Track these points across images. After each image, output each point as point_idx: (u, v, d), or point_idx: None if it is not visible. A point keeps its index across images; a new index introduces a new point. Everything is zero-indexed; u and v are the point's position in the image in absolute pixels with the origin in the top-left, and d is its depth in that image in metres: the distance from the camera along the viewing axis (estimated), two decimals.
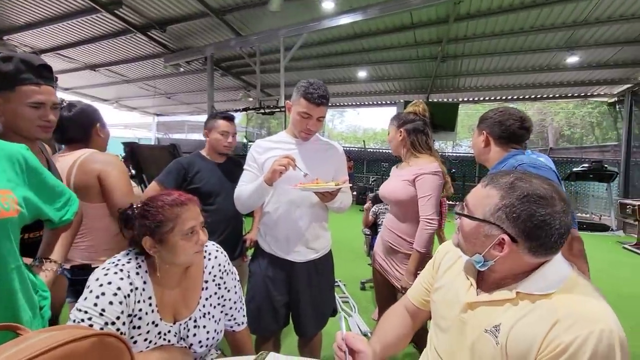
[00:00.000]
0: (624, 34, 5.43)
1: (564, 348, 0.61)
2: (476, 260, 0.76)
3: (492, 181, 0.74)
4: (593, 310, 0.64)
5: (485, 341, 0.72)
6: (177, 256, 0.90)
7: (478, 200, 0.75)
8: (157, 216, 0.87)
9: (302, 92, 1.35)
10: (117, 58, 7.58)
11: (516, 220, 0.67)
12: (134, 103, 12.67)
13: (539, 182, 0.70)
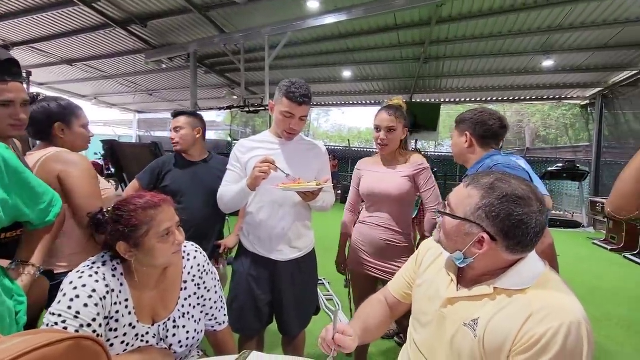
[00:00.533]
0: (596, 40, 5.68)
1: (537, 339, 0.65)
2: (456, 257, 0.80)
3: (474, 181, 0.77)
4: (564, 304, 0.68)
5: (464, 334, 0.75)
6: (155, 258, 0.89)
7: (460, 199, 0.78)
8: (131, 220, 0.86)
9: (284, 92, 1.36)
10: (95, 53, 7.33)
11: (495, 219, 0.71)
12: (113, 100, 12.29)
13: (517, 183, 0.73)
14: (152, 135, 15.36)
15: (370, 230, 1.67)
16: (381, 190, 1.62)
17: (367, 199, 1.71)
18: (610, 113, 8.01)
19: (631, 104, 7.21)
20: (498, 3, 4.71)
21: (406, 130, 1.65)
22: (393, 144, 1.62)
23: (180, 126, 1.77)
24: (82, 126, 1.35)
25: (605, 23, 5.05)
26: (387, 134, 1.58)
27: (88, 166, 1.23)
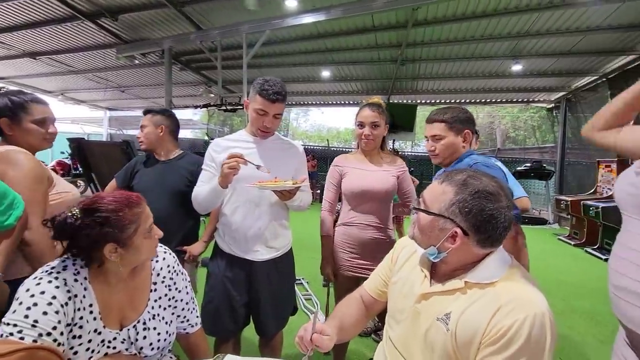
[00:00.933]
0: (560, 47, 6.00)
1: (505, 331, 0.68)
2: (430, 253, 0.82)
3: (447, 178, 0.80)
4: (529, 296, 0.72)
5: (437, 329, 0.78)
6: (141, 254, 0.90)
7: (434, 196, 0.80)
8: (120, 221, 0.83)
9: (258, 89, 1.35)
10: (61, 46, 6.94)
11: (468, 215, 0.74)
12: (82, 96, 11.71)
13: (487, 179, 0.77)
14: (125, 133, 14.79)
15: (359, 231, 1.64)
16: (374, 189, 1.61)
17: (355, 198, 1.65)
18: (573, 116, 8.51)
19: (591, 107, 7.69)
20: (470, 8, 4.88)
21: (387, 127, 1.67)
22: (377, 140, 1.65)
23: (145, 124, 1.74)
24: (35, 122, 1.22)
25: (569, 31, 5.34)
26: (371, 129, 1.60)
27: (31, 168, 1.11)
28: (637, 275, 0.70)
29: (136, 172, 1.78)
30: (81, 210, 0.82)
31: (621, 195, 0.81)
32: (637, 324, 0.70)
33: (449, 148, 1.39)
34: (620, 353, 0.81)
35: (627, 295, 0.73)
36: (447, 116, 1.37)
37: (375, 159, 1.69)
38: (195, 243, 1.76)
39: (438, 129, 1.38)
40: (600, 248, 5.15)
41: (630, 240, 0.74)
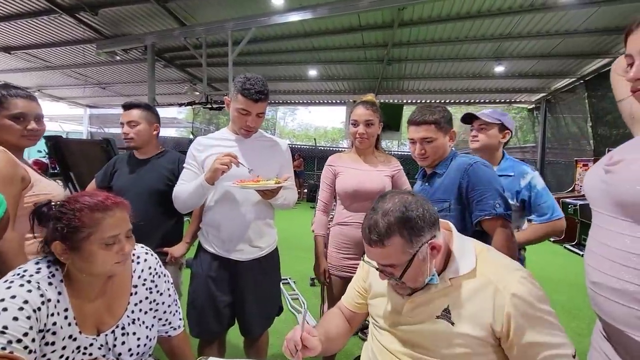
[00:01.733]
0: (540, 49, 6.18)
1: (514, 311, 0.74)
2: (430, 281, 0.82)
3: (378, 237, 0.78)
4: (507, 264, 0.82)
5: (439, 325, 0.80)
6: (94, 266, 0.81)
7: (394, 253, 0.79)
8: (73, 220, 0.77)
9: (239, 88, 1.32)
10: (38, 41, 6.69)
11: (422, 228, 0.77)
12: (60, 93, 11.32)
13: (388, 201, 0.81)
14: (106, 131, 14.37)
15: (354, 230, 1.61)
16: (368, 189, 1.58)
17: (349, 197, 1.63)
18: (552, 117, 8.78)
19: (570, 108, 7.96)
20: (455, 9, 4.96)
21: (381, 126, 1.65)
22: (372, 139, 1.62)
23: (136, 121, 1.63)
24: (10, 117, 1.16)
25: (549, 33, 5.51)
26: (365, 127, 1.58)
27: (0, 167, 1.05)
28: (611, 270, 0.71)
29: (115, 171, 1.71)
30: (60, 202, 0.78)
31: (592, 192, 0.82)
32: (615, 318, 0.71)
33: (440, 149, 1.34)
34: (598, 346, 0.83)
35: (603, 290, 0.74)
36: (437, 117, 1.30)
37: (370, 159, 1.67)
38: (177, 244, 1.70)
39: (428, 130, 1.30)
40: (578, 244, 5.34)
41: (603, 236, 0.76)
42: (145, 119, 1.66)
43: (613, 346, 0.77)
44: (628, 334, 0.69)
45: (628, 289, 0.68)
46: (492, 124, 1.60)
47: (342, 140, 24.60)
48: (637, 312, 0.67)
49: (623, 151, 0.77)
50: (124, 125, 1.65)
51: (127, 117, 1.64)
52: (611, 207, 0.73)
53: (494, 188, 1.21)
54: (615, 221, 0.72)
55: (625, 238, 0.69)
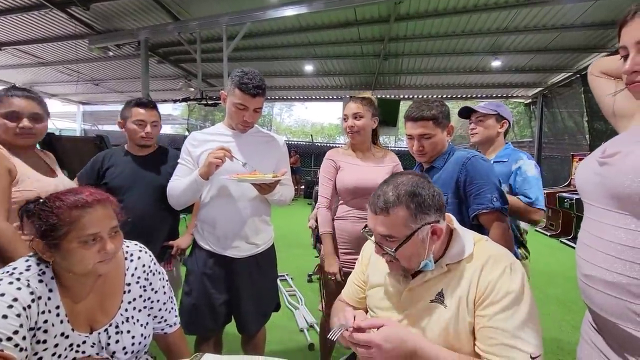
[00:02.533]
0: (537, 43, 6.18)
1: (492, 285, 0.77)
2: (427, 267, 0.82)
3: (387, 204, 0.78)
4: (500, 252, 0.84)
5: (434, 309, 0.81)
6: (73, 265, 0.78)
7: (394, 225, 0.79)
8: (50, 217, 0.75)
9: (237, 82, 1.30)
10: (29, 37, 6.57)
11: (429, 207, 0.79)
12: (53, 89, 11.17)
13: (407, 178, 0.82)
14: (100, 128, 14.23)
15: (352, 225, 1.59)
16: (367, 185, 1.56)
17: (349, 193, 1.62)
18: (549, 111, 8.80)
19: (566, 103, 7.97)
20: (452, 3, 4.93)
21: (376, 120, 1.64)
22: (363, 132, 1.60)
23: (157, 121, 1.63)
24: (3, 115, 1.17)
25: (545, 27, 5.50)
26: (354, 120, 1.59)
27: None
28: (604, 263, 0.71)
29: (107, 169, 1.61)
30: (43, 200, 0.77)
31: (586, 185, 0.82)
32: (607, 310, 0.71)
33: (438, 145, 1.32)
34: (589, 338, 0.83)
35: (596, 283, 0.74)
36: (435, 112, 1.27)
37: (368, 154, 1.67)
38: (182, 236, 1.72)
39: (427, 127, 1.28)
40: (574, 238, 5.38)
41: (596, 228, 0.76)
42: (159, 118, 1.67)
43: (604, 338, 0.77)
44: (620, 326, 0.69)
45: (621, 282, 0.67)
46: (489, 115, 1.62)
47: (339, 137, 24.59)
48: (629, 304, 0.67)
49: (617, 144, 0.76)
50: (146, 124, 1.59)
51: (151, 117, 1.60)
52: (605, 199, 0.73)
53: (491, 182, 1.21)
54: (609, 214, 0.72)
55: (619, 230, 0.69)
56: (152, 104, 1.64)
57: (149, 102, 1.63)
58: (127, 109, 1.61)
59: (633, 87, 0.71)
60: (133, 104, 1.60)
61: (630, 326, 0.67)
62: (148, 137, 1.61)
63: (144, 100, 1.62)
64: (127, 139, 1.65)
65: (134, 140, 1.62)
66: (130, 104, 1.61)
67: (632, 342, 0.68)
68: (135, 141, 1.62)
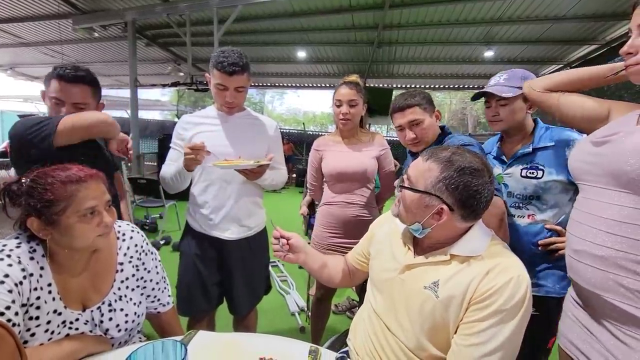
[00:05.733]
0: (529, 34, 6.20)
1: (491, 292, 0.73)
2: (414, 229, 0.84)
3: (432, 156, 0.80)
4: (512, 261, 0.78)
5: (425, 297, 0.80)
6: (74, 239, 0.79)
7: (420, 173, 0.81)
8: (45, 194, 0.74)
9: (214, 62, 1.27)
10: (8, 14, 6.26)
11: (455, 191, 0.76)
12: (35, 71, 10.75)
13: (471, 156, 0.79)
14: None
15: (340, 209, 1.63)
16: (350, 171, 1.59)
17: (333, 179, 1.65)
18: None
19: None
20: None
21: (366, 107, 1.63)
22: (355, 119, 1.60)
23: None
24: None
25: (538, 18, 5.51)
26: (349, 108, 1.56)
27: None
28: (595, 238, 0.75)
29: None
30: (31, 178, 0.75)
31: (580, 167, 0.86)
32: (594, 284, 0.76)
33: (429, 131, 1.32)
34: (571, 313, 0.88)
35: (584, 257, 0.78)
36: (418, 99, 1.30)
37: (353, 140, 1.67)
38: None
39: (414, 113, 1.29)
40: None
41: (590, 206, 0.79)
42: None
43: (587, 311, 0.81)
44: (604, 298, 0.73)
45: (611, 255, 0.71)
46: (514, 96, 1.22)
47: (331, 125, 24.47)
48: (616, 277, 0.71)
49: (615, 127, 0.80)
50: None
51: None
52: (602, 178, 0.76)
53: None
54: (605, 192, 0.75)
55: (613, 207, 0.72)
56: (77, 77, 1.21)
57: (76, 75, 1.20)
58: (47, 82, 1.22)
59: (630, 69, 0.75)
60: (54, 75, 1.19)
61: (616, 298, 0.71)
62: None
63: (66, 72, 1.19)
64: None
65: None
66: (51, 77, 1.20)
67: (616, 312, 0.72)
68: None
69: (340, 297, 2.67)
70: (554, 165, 1.16)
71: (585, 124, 0.93)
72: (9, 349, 0.48)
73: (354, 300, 2.62)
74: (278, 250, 1.05)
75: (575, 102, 0.96)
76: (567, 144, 1.16)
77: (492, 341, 0.71)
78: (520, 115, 1.25)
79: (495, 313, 0.72)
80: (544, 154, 1.19)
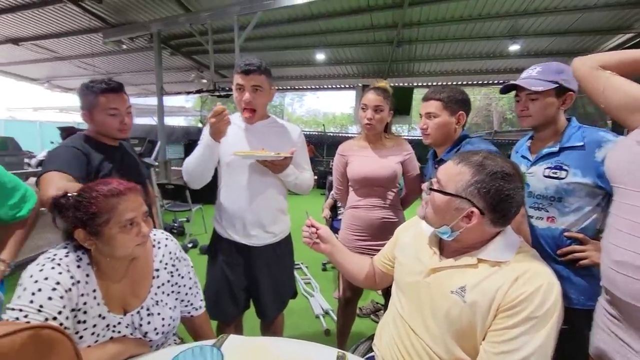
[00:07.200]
0: (557, 26, 5.92)
1: (521, 298, 0.71)
2: (443, 232, 0.84)
3: (464, 160, 0.81)
4: (542, 268, 0.77)
5: (452, 302, 0.80)
6: (116, 249, 0.84)
7: (450, 176, 0.81)
8: (90, 207, 0.80)
9: (235, 69, 1.35)
10: (45, 31, 6.70)
11: (487, 195, 0.76)
12: (69, 83, 11.41)
13: (502, 160, 0.79)
14: None
15: (366, 212, 1.65)
16: (375, 176, 1.61)
17: (358, 184, 1.67)
18: None
19: None
20: None
21: (391, 113, 1.64)
22: (380, 125, 1.60)
23: (126, 107, 1.40)
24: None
25: (567, 9, 5.26)
26: (374, 113, 1.56)
27: None
28: (639, 248, 0.70)
29: (100, 162, 1.32)
30: (77, 192, 0.81)
31: (623, 168, 0.79)
32: (634, 296, 0.71)
33: (441, 128, 1.36)
34: (606, 327, 0.82)
35: (626, 268, 0.73)
36: (444, 95, 1.35)
37: (378, 145, 1.67)
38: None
39: (433, 106, 1.36)
40: None
41: (632, 212, 0.74)
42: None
43: (625, 325, 0.76)
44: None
45: None
46: (546, 91, 1.15)
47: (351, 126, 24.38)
48: None
49: None
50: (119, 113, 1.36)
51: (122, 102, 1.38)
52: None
53: None
54: None
55: None
56: (118, 87, 1.34)
57: (116, 85, 1.34)
58: (89, 97, 1.30)
59: None
60: (97, 89, 1.29)
61: None
62: (126, 129, 1.39)
63: (112, 84, 1.32)
64: (93, 130, 1.38)
65: (109, 133, 1.38)
66: (93, 91, 1.29)
67: None
68: (111, 134, 1.38)
69: (365, 300, 2.66)
70: (581, 167, 1.08)
71: (623, 112, 0.84)
72: (69, 352, 0.53)
73: (378, 303, 2.60)
74: (307, 237, 1.12)
75: (621, 85, 0.86)
76: (598, 145, 1.06)
77: (523, 349, 0.70)
78: (550, 112, 1.16)
79: (526, 320, 0.70)
80: (571, 154, 1.11)
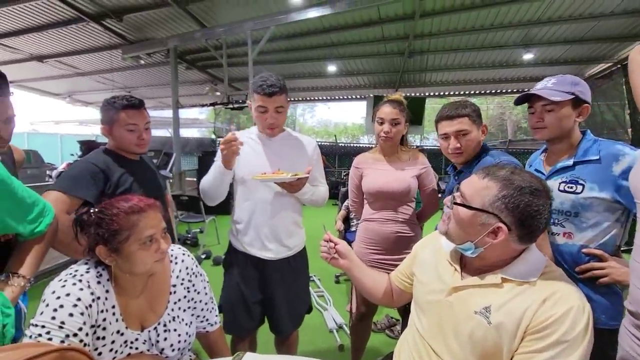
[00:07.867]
0: (572, 34, 5.84)
1: (550, 321, 0.69)
2: (465, 248, 0.81)
3: (490, 174, 0.79)
4: (571, 289, 0.74)
5: (476, 322, 0.77)
6: (135, 265, 0.85)
7: (476, 191, 0.79)
8: (112, 225, 0.81)
9: (254, 87, 1.34)
10: (68, 49, 7.00)
11: (515, 210, 0.73)
12: (89, 98, 11.83)
13: (529, 175, 0.76)
14: None
15: (380, 226, 1.63)
16: (390, 189, 1.59)
17: (373, 197, 1.66)
18: None
19: (605, 95, 7.48)
20: None
21: (407, 126, 1.63)
22: (396, 138, 1.60)
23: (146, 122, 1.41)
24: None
25: (581, 17, 5.19)
26: (391, 127, 1.56)
27: None
28: None
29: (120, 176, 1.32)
30: (98, 209, 0.82)
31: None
32: None
33: (473, 143, 1.32)
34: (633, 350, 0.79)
35: None
36: (468, 110, 1.31)
37: (394, 158, 1.66)
38: None
39: (464, 123, 1.30)
40: None
41: None
42: None
43: None
44: None
45: None
46: (563, 102, 1.10)
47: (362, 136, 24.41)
48: None
49: None
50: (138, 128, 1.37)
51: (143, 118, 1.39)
52: None
53: None
54: None
55: None
56: (138, 103, 1.36)
57: (136, 101, 1.35)
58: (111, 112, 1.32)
59: None
60: (119, 105, 1.31)
61: None
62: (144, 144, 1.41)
63: (132, 100, 1.34)
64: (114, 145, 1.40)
65: (128, 148, 1.38)
66: (114, 106, 1.31)
67: None
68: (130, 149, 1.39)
69: (379, 314, 2.60)
70: (597, 181, 1.04)
71: None
72: None
73: (393, 318, 2.54)
74: (325, 252, 1.10)
75: None
76: (615, 159, 1.03)
77: None
78: (567, 124, 1.12)
79: (555, 344, 0.68)
80: (587, 168, 1.08)
